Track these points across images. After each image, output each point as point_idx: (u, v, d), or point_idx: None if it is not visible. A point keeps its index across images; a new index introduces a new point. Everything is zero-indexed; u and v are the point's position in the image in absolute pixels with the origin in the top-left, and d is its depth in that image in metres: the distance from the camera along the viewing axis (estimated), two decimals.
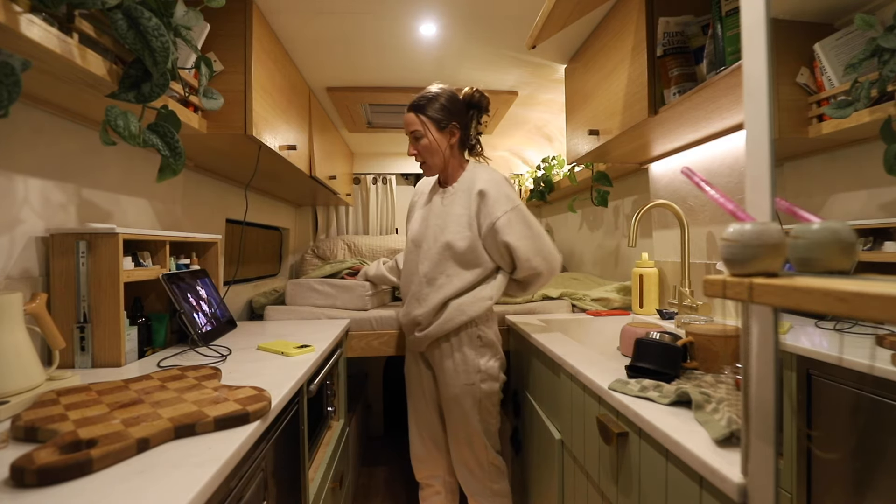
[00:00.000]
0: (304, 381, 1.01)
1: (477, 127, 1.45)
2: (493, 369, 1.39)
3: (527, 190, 2.91)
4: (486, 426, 1.41)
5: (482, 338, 1.39)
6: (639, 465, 0.75)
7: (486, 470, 1.43)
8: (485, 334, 1.40)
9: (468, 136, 1.43)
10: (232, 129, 1.21)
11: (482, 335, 1.39)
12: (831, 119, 0.85)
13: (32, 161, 0.93)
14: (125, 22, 0.75)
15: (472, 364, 1.37)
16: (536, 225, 1.36)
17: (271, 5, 1.33)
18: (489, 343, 1.40)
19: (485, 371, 1.38)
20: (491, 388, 1.39)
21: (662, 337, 0.96)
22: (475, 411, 1.38)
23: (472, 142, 1.46)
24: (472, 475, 1.44)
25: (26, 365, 0.77)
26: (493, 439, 1.43)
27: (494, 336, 1.42)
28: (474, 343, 1.38)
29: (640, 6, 1.17)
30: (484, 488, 1.44)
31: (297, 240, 2.87)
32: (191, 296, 1.21)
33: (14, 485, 0.50)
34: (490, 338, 1.41)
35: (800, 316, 0.84)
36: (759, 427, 0.49)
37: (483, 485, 1.44)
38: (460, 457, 1.45)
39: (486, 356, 1.39)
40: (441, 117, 1.36)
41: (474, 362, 1.37)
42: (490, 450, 1.42)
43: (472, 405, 1.38)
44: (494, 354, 1.41)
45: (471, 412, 1.38)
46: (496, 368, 1.40)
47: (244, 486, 0.67)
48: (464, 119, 1.40)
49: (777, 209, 0.49)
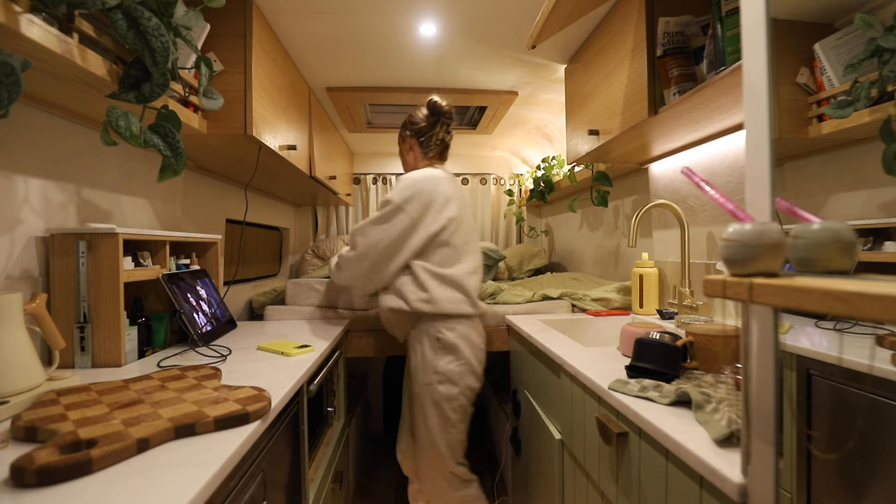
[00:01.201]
0: (304, 381, 1.01)
1: (441, 135, 1.50)
2: (451, 373, 1.36)
3: (527, 190, 2.91)
4: (446, 434, 1.38)
5: (441, 339, 1.37)
6: (639, 465, 0.75)
7: (447, 479, 1.41)
8: (444, 336, 1.37)
9: (426, 141, 1.50)
10: (232, 129, 1.21)
11: (441, 337, 1.37)
12: (831, 119, 0.84)
13: (32, 161, 0.93)
14: (125, 22, 0.75)
15: (430, 364, 1.37)
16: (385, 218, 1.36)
17: (271, 5, 1.33)
18: (449, 346, 1.37)
19: (443, 373, 1.36)
20: (448, 391, 1.36)
21: (662, 337, 0.96)
22: (433, 413, 1.37)
23: (432, 148, 1.51)
24: (435, 483, 1.43)
25: (26, 365, 0.77)
26: (455, 450, 1.40)
27: (459, 339, 1.37)
28: (433, 344, 1.38)
29: (640, 6, 1.17)
30: (446, 495, 1.43)
31: (297, 240, 2.87)
32: (191, 296, 1.21)
33: (14, 485, 0.50)
34: (450, 340, 1.36)
35: (800, 316, 0.84)
36: (759, 427, 0.49)
37: (447, 493, 1.43)
38: (423, 462, 1.43)
39: (446, 359, 1.37)
40: (402, 132, 1.55)
41: (432, 363, 1.37)
42: (448, 460, 1.39)
43: (429, 405, 1.37)
44: (457, 358, 1.37)
45: (429, 413, 1.37)
46: (456, 373, 1.36)
47: (244, 486, 0.67)
48: (418, 126, 1.50)
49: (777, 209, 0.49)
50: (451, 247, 1.39)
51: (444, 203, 1.38)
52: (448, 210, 1.39)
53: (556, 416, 1.18)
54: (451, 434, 1.39)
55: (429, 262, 1.39)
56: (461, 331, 1.39)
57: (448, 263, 1.39)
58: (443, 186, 1.41)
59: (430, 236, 1.37)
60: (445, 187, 1.41)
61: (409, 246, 1.37)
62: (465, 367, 1.39)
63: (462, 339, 1.39)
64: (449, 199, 1.40)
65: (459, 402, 1.38)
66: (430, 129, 1.49)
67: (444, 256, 1.39)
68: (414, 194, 1.36)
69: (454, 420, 1.38)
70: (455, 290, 1.39)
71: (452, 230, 1.39)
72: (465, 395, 1.39)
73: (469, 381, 1.40)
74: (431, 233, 1.36)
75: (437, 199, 1.38)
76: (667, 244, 1.62)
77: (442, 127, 1.50)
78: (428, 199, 1.37)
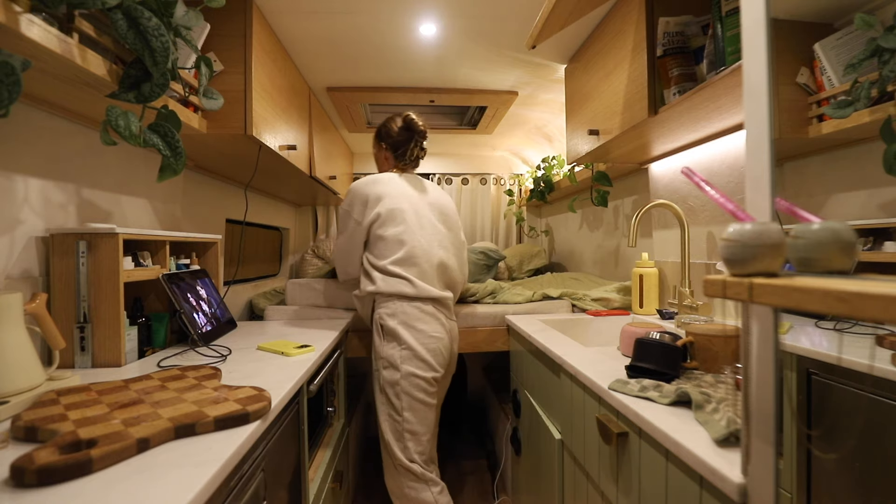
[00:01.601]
0: (304, 381, 1.01)
1: (415, 150, 1.61)
2: (392, 357, 1.39)
3: (527, 190, 2.91)
4: (391, 422, 1.38)
5: (383, 326, 1.42)
6: (639, 465, 0.75)
7: (401, 473, 1.39)
8: (385, 323, 1.42)
9: (401, 154, 1.61)
10: (232, 129, 1.21)
11: (383, 324, 1.42)
12: (831, 119, 0.84)
13: (32, 161, 0.93)
14: (125, 22, 0.75)
15: (377, 350, 1.44)
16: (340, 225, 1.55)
17: (271, 5, 1.33)
18: (389, 332, 1.41)
19: (385, 358, 1.40)
20: (391, 376, 1.38)
21: (662, 337, 0.96)
22: (381, 400, 1.41)
23: (407, 161, 1.62)
24: (390, 473, 1.43)
25: (26, 365, 0.77)
26: (402, 442, 1.38)
27: (399, 325, 1.40)
28: (379, 330, 1.44)
29: (640, 6, 1.17)
30: (400, 492, 1.41)
31: (297, 240, 2.87)
32: (191, 296, 1.21)
33: (14, 485, 0.50)
34: (390, 327, 1.41)
35: (800, 316, 0.84)
36: (759, 427, 0.49)
37: (399, 488, 1.41)
38: (382, 451, 1.45)
39: (390, 345, 1.41)
40: (378, 140, 1.65)
41: (378, 349, 1.43)
42: (397, 453, 1.37)
43: (378, 391, 1.42)
44: (399, 344, 1.40)
45: (377, 399, 1.42)
46: (397, 357, 1.39)
47: (244, 486, 0.67)
48: (393, 140, 1.60)
49: (777, 209, 0.49)
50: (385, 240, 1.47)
51: (376, 200, 1.49)
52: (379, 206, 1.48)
53: (556, 416, 1.18)
54: (398, 422, 1.38)
55: (371, 254, 1.49)
56: (402, 318, 1.41)
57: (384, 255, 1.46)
58: (378, 187, 1.51)
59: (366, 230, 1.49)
60: (380, 188, 1.51)
61: (355, 242, 1.51)
62: (407, 353, 1.39)
63: (402, 326, 1.41)
64: (381, 197, 1.49)
65: (402, 388, 1.37)
66: (404, 144, 1.60)
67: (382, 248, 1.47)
68: (353, 198, 1.51)
69: (398, 407, 1.37)
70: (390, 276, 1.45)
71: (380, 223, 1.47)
72: (410, 381, 1.38)
73: (412, 366, 1.38)
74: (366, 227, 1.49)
75: (370, 198, 1.49)
76: (667, 244, 1.62)
77: (416, 144, 1.60)
78: (362, 199, 1.50)
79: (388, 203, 1.49)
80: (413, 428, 1.38)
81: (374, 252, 1.48)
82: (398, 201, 1.50)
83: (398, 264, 1.44)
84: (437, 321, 1.46)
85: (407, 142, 1.59)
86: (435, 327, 1.44)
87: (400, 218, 1.48)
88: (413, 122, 1.58)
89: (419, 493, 1.39)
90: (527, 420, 1.46)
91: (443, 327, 1.47)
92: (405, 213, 1.49)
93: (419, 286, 1.43)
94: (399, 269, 1.43)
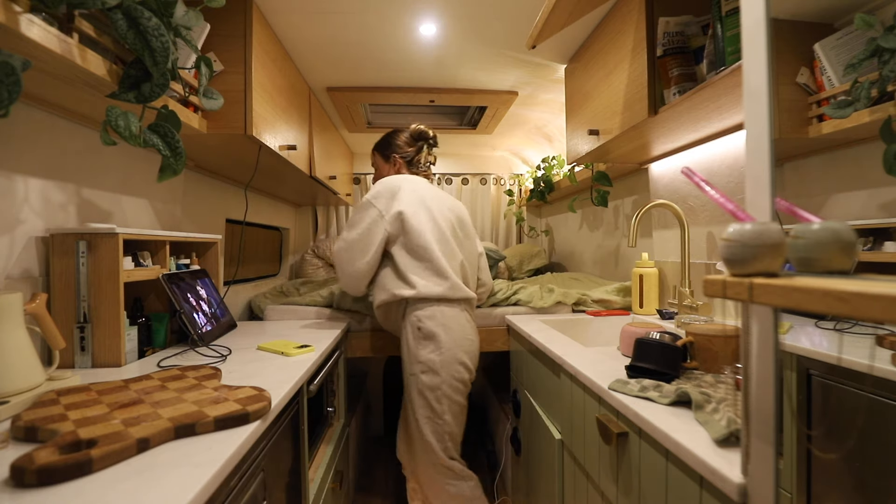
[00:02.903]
0: (304, 381, 1.01)
1: (427, 156, 1.68)
2: (433, 362, 1.38)
3: (527, 190, 2.91)
4: (433, 425, 1.38)
5: (421, 329, 1.40)
6: (639, 465, 0.75)
7: (439, 472, 1.41)
8: (424, 325, 1.40)
9: (414, 163, 1.66)
10: (232, 129, 1.21)
11: (421, 326, 1.40)
12: (831, 119, 0.84)
13: (32, 161, 0.93)
14: (125, 22, 0.75)
15: (413, 354, 1.41)
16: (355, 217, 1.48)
17: (271, 5, 1.33)
18: (428, 334, 1.39)
19: (424, 363, 1.39)
20: (431, 380, 1.37)
21: (662, 337, 0.96)
22: (420, 403, 1.39)
23: (420, 168, 1.67)
24: (428, 475, 1.43)
25: (26, 365, 0.77)
26: (443, 442, 1.39)
27: (438, 327, 1.39)
28: (415, 333, 1.41)
29: (639, 6, 1.17)
30: (441, 490, 1.42)
31: (297, 240, 2.87)
32: (191, 296, 1.21)
33: (14, 485, 0.50)
34: (429, 329, 1.39)
35: (800, 316, 0.84)
36: (759, 427, 0.49)
37: (440, 487, 1.42)
38: (416, 453, 1.45)
39: (428, 348, 1.39)
40: (386, 151, 1.68)
41: (415, 353, 1.40)
42: (439, 453, 1.39)
43: (416, 395, 1.39)
44: (437, 347, 1.39)
45: (416, 403, 1.39)
46: (437, 362, 1.38)
47: (244, 486, 0.67)
48: (404, 151, 1.65)
49: (777, 209, 0.49)
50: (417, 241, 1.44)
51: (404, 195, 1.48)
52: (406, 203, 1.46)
53: (556, 416, 1.18)
54: (439, 425, 1.39)
55: (403, 257, 1.45)
56: (440, 319, 1.41)
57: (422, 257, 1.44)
58: (407, 184, 1.50)
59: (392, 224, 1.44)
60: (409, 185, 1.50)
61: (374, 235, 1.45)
62: (448, 356, 1.39)
63: (441, 328, 1.40)
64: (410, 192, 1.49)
65: (443, 392, 1.38)
66: (417, 153, 1.67)
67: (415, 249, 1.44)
68: (379, 190, 1.49)
69: (439, 410, 1.38)
70: (431, 272, 1.43)
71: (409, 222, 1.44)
72: (450, 384, 1.39)
73: (452, 370, 1.39)
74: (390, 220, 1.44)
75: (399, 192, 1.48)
76: (667, 244, 1.62)
77: (429, 150, 1.68)
78: (391, 191, 1.48)
79: (415, 201, 1.47)
80: (452, 430, 1.41)
81: (408, 254, 1.44)
82: (425, 201, 1.49)
83: (434, 269, 1.43)
84: (469, 323, 1.48)
85: (419, 150, 1.66)
86: (468, 329, 1.47)
87: (427, 217, 1.47)
88: (422, 131, 1.67)
89: (459, 489, 1.42)
90: (527, 420, 1.46)
91: (474, 329, 1.50)
92: (433, 213, 1.49)
93: (456, 288, 1.44)
94: (436, 273, 1.43)
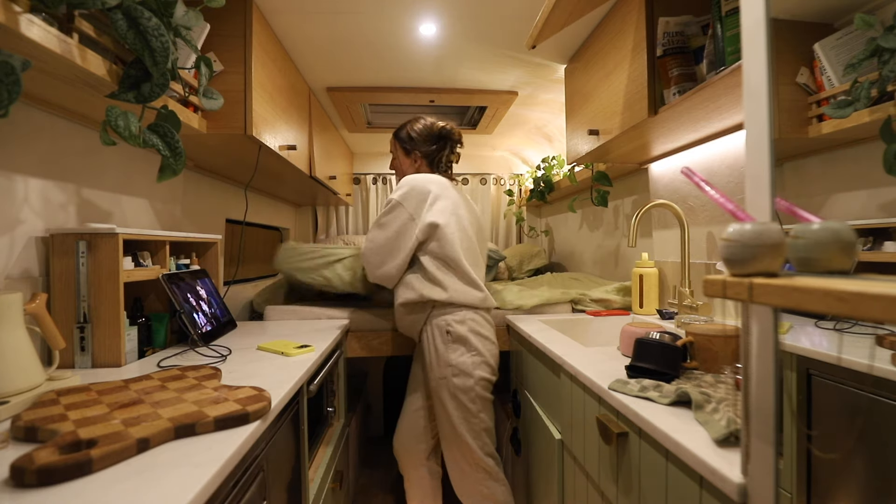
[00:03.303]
0: (304, 381, 1.01)
1: (450, 156, 1.61)
2: (464, 364, 1.39)
3: (527, 190, 2.91)
4: (468, 424, 1.40)
5: (451, 333, 1.40)
6: (639, 465, 0.75)
7: (474, 469, 1.42)
8: (454, 329, 1.40)
9: (436, 163, 1.60)
10: (232, 129, 1.21)
11: (451, 330, 1.40)
12: (831, 119, 0.84)
13: (32, 161, 0.93)
14: (125, 22, 0.75)
15: (443, 358, 1.41)
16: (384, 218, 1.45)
17: (271, 5, 1.33)
18: (460, 338, 1.40)
19: (456, 366, 1.39)
20: (464, 383, 1.39)
21: (662, 337, 0.96)
22: (453, 406, 1.39)
23: (442, 168, 1.61)
24: (463, 474, 1.44)
25: (26, 365, 0.77)
26: (480, 439, 1.42)
27: (469, 332, 1.41)
28: (444, 338, 1.41)
29: (639, 6, 1.17)
30: (473, 490, 1.43)
31: (296, 240, 2.87)
32: (191, 296, 1.21)
33: (14, 485, 0.50)
34: (460, 333, 1.40)
35: (800, 316, 0.84)
36: (759, 427, 0.49)
37: (474, 487, 1.43)
38: (449, 454, 1.45)
39: (458, 351, 1.40)
40: (408, 146, 1.59)
41: (445, 356, 1.40)
42: (476, 450, 1.40)
43: (448, 398, 1.40)
44: (469, 350, 1.40)
45: (449, 406, 1.40)
46: (469, 364, 1.39)
47: (244, 486, 0.67)
48: (428, 148, 1.57)
49: (777, 209, 0.49)
50: (449, 246, 1.43)
51: (435, 199, 1.44)
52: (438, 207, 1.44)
53: (556, 416, 1.18)
54: (474, 423, 1.41)
55: (436, 259, 1.44)
56: (470, 325, 1.42)
57: (456, 263, 1.43)
58: (436, 188, 1.46)
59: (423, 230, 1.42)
60: (438, 189, 1.46)
61: (405, 238, 1.43)
62: (478, 359, 1.41)
63: (472, 333, 1.41)
64: (439, 197, 1.45)
65: (476, 393, 1.41)
66: (439, 152, 1.59)
67: (450, 254, 1.43)
68: (409, 191, 1.44)
69: (474, 410, 1.40)
70: (463, 281, 1.44)
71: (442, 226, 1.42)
72: (482, 385, 1.42)
73: (482, 372, 1.41)
74: (422, 226, 1.42)
75: (430, 195, 1.44)
76: (667, 244, 1.62)
77: (452, 150, 1.61)
78: (421, 194, 1.44)
79: (447, 206, 1.45)
80: (488, 425, 1.43)
81: (436, 261, 1.43)
82: (456, 206, 1.48)
83: (463, 278, 1.43)
84: (492, 327, 1.50)
85: (442, 149, 1.59)
86: (492, 334, 1.49)
87: (457, 227, 1.46)
88: (449, 131, 1.58)
89: (493, 490, 1.43)
90: (527, 420, 1.46)
91: (495, 333, 1.52)
92: (462, 221, 1.48)
93: (489, 300, 1.47)
94: (466, 283, 1.44)
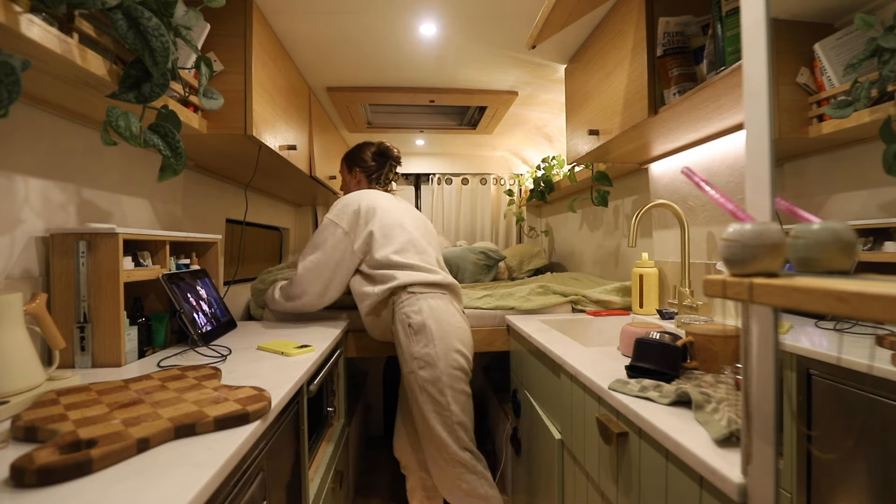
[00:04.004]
0: (304, 381, 1.01)
1: (388, 174, 1.73)
2: (429, 356, 1.38)
3: (527, 190, 2.91)
4: (441, 418, 1.38)
5: (412, 325, 1.40)
6: (639, 465, 0.75)
7: (452, 465, 1.40)
8: (413, 320, 1.40)
9: (374, 179, 1.71)
10: (232, 129, 1.21)
11: (412, 322, 1.40)
12: (831, 119, 0.84)
13: (32, 161, 0.93)
14: (125, 22, 0.75)
15: (407, 352, 1.41)
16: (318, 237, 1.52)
17: (271, 5, 1.33)
18: (420, 328, 1.39)
19: (420, 358, 1.38)
20: (431, 374, 1.37)
21: (662, 337, 0.96)
22: (424, 399, 1.38)
23: (381, 184, 1.72)
24: (440, 470, 1.43)
25: (26, 365, 0.77)
26: (454, 433, 1.39)
27: (428, 319, 1.40)
28: (407, 331, 1.41)
29: (640, 6, 1.17)
30: (453, 486, 1.41)
31: (297, 240, 2.87)
32: (191, 296, 1.21)
33: (14, 485, 0.50)
34: (418, 322, 1.39)
35: (800, 316, 0.84)
36: (759, 427, 0.49)
37: (453, 483, 1.41)
38: (426, 450, 1.44)
39: (421, 343, 1.39)
40: (350, 163, 1.73)
41: (409, 350, 1.40)
42: (450, 444, 1.38)
43: (418, 392, 1.39)
44: (431, 340, 1.39)
45: (420, 399, 1.39)
46: (432, 355, 1.38)
47: (244, 486, 0.67)
48: (367, 165, 1.70)
49: (777, 209, 0.49)
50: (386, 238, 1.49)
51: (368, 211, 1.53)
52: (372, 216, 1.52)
53: (556, 416, 1.18)
54: (446, 417, 1.38)
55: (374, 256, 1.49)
56: (429, 312, 1.41)
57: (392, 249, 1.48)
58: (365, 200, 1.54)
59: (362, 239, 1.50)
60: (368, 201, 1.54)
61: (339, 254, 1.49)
62: (441, 347, 1.39)
63: (431, 320, 1.40)
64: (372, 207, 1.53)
65: (445, 383, 1.38)
66: (378, 170, 1.71)
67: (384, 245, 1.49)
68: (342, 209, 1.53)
69: (444, 402, 1.38)
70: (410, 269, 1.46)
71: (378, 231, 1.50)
72: (449, 374, 1.39)
73: (449, 360, 1.39)
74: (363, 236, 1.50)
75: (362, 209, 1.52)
76: (667, 244, 1.62)
77: (391, 168, 1.72)
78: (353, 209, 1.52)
79: (381, 213, 1.52)
80: (462, 419, 1.41)
81: (377, 253, 1.48)
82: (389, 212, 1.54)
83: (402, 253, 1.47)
84: (458, 312, 1.49)
85: (381, 167, 1.71)
86: (458, 318, 1.47)
87: (396, 222, 1.52)
88: (388, 148, 1.70)
89: (473, 485, 1.41)
90: (527, 420, 1.46)
91: (463, 317, 1.51)
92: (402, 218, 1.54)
93: (434, 271, 1.47)
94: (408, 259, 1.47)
